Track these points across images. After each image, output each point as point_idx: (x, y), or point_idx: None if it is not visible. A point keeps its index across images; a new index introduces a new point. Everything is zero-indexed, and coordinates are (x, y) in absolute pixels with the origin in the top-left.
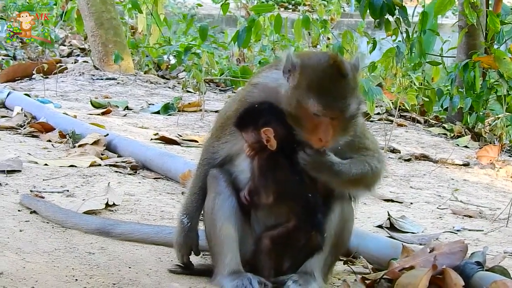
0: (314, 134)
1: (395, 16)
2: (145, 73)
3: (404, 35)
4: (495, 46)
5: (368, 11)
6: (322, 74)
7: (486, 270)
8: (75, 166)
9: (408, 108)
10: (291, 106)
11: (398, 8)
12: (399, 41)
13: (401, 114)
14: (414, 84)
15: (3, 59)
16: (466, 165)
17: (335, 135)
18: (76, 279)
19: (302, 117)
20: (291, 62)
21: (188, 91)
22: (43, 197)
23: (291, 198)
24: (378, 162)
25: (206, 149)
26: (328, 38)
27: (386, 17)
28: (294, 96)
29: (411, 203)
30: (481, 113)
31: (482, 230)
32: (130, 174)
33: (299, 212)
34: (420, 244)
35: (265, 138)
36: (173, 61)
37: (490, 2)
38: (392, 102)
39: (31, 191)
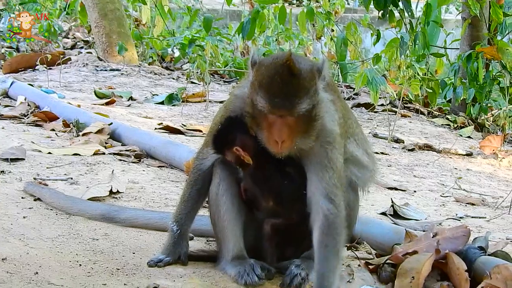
0: (270, 136)
1: (399, 8)
2: (149, 65)
3: (408, 26)
4: (498, 37)
5: (372, 2)
6: (273, 71)
7: (489, 255)
8: (79, 155)
9: (412, 99)
10: (248, 106)
11: (401, 0)
12: (403, 32)
13: (405, 105)
14: (418, 74)
15: (6, 50)
16: (469, 155)
17: (290, 137)
18: (80, 265)
19: (258, 117)
20: (253, 60)
21: (192, 82)
22: (46, 185)
23: (289, 199)
24: (339, 219)
25: (197, 156)
26: (332, 30)
27: (390, 8)
28: (250, 95)
29: (415, 191)
30: (484, 104)
31: (485, 217)
32: (134, 162)
33: (300, 209)
34: (423, 231)
35: (239, 155)
36: (177, 53)
37: None
38: (396, 93)
39: (34, 178)
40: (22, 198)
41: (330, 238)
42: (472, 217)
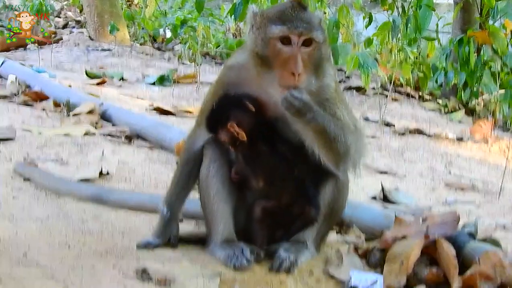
0: (285, 69)
1: None
2: (140, 45)
3: (400, 10)
4: (490, 22)
5: None
6: (283, 6)
7: (478, 241)
8: (69, 135)
9: (403, 83)
10: (258, 50)
11: None
12: (395, 15)
13: (396, 89)
14: (409, 58)
15: None
16: (460, 139)
17: (306, 69)
18: (69, 246)
19: (271, 54)
20: (252, 13)
21: (183, 63)
22: (36, 165)
23: (281, 179)
24: (352, 135)
25: (188, 137)
26: (324, 13)
27: None
28: (259, 36)
29: (405, 176)
30: (475, 89)
31: (475, 203)
32: (124, 143)
33: (291, 191)
34: (413, 215)
35: (234, 132)
36: (168, 34)
37: None
38: (387, 77)
39: (24, 159)
40: (12, 178)
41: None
42: (462, 202)
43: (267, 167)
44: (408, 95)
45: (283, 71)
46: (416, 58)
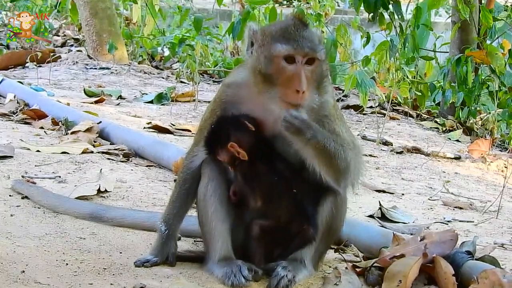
0: (289, 87)
1: (389, 11)
2: (139, 64)
3: (398, 29)
4: (488, 42)
5: (362, 4)
6: (285, 23)
7: (476, 260)
8: (68, 153)
9: (400, 101)
10: (261, 67)
11: (392, 2)
12: (392, 35)
13: (394, 108)
14: (407, 77)
15: None
16: (458, 158)
17: (309, 87)
18: (67, 264)
19: (274, 72)
20: (252, 31)
21: (181, 82)
22: (34, 183)
23: (279, 198)
24: (351, 151)
25: (187, 155)
26: (322, 32)
27: (380, 11)
28: (262, 54)
29: (403, 194)
30: (473, 108)
31: (473, 221)
32: (122, 161)
33: (289, 209)
34: (411, 234)
35: (234, 152)
36: (167, 53)
37: None
38: (385, 96)
39: (22, 176)
40: (10, 196)
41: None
42: (460, 221)
43: (266, 186)
44: (406, 114)
45: (286, 89)
46: (414, 77)
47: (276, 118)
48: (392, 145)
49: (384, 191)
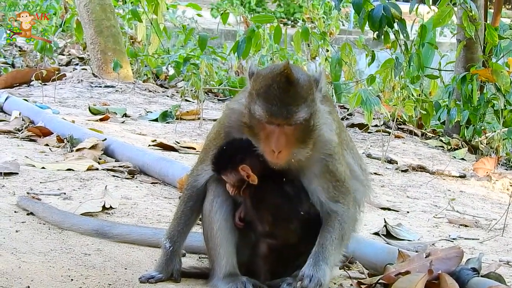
0: (267, 145)
1: (394, 29)
2: (144, 82)
3: (403, 48)
4: (493, 60)
5: (367, 23)
6: (270, 80)
7: (482, 277)
8: (73, 170)
9: (405, 120)
10: (246, 116)
11: (397, 21)
12: (398, 53)
13: (399, 126)
14: (412, 96)
15: (1, 66)
16: (463, 177)
17: (288, 147)
18: (72, 279)
19: (255, 127)
20: (250, 70)
21: (186, 100)
22: (39, 199)
23: (286, 221)
24: (347, 215)
25: (191, 173)
26: (327, 50)
27: (385, 29)
28: (248, 104)
29: (408, 212)
30: (478, 126)
31: (478, 239)
32: (127, 178)
33: (296, 231)
34: (416, 251)
35: (244, 175)
36: (171, 71)
37: (488, 16)
38: (390, 114)
39: (27, 193)
40: (15, 212)
41: (336, 224)
42: (465, 238)
43: (273, 209)
44: (411, 132)
45: (265, 146)
46: (419, 96)
47: None
48: (397, 163)
49: (389, 209)
